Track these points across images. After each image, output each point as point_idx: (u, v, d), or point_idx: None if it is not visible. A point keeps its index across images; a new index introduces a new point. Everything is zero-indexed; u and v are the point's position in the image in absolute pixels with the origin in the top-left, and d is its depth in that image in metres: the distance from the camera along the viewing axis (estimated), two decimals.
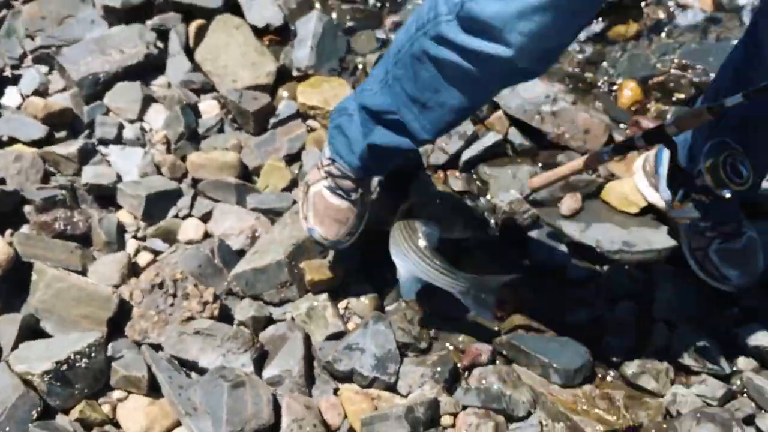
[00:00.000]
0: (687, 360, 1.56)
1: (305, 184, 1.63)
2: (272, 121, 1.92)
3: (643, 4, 2.14)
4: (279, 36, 2.08)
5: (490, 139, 1.88)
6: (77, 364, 1.45)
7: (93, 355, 1.47)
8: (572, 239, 1.74)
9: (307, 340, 1.57)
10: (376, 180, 1.71)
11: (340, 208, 1.57)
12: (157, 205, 1.75)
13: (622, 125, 1.93)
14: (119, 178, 1.80)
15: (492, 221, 1.77)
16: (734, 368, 1.57)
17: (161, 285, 1.60)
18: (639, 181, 1.77)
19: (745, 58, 1.47)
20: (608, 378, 1.57)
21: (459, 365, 1.57)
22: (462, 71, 1.29)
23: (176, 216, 1.76)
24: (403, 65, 1.38)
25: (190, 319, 1.57)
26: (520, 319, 1.62)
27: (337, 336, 1.57)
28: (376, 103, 1.45)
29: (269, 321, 1.61)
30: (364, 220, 1.61)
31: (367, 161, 1.54)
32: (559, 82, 1.95)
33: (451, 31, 1.26)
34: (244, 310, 1.61)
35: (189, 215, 1.77)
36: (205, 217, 1.76)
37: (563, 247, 1.72)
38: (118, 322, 1.56)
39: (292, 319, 1.61)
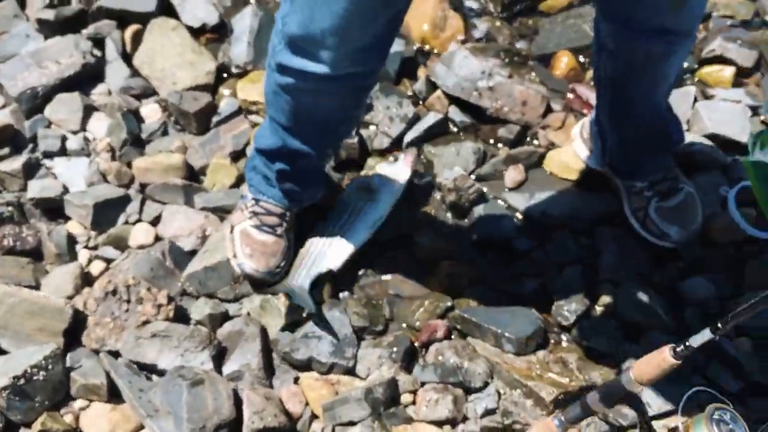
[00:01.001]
0: (634, 317, 1.60)
1: (230, 225, 1.68)
2: (215, 119, 1.93)
3: None
4: (216, 34, 2.08)
5: (431, 118, 1.91)
6: (35, 378, 1.46)
7: (50, 367, 1.48)
8: (518, 210, 1.77)
9: (264, 333, 1.59)
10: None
11: (267, 243, 1.63)
12: (105, 213, 1.75)
13: (560, 94, 1.97)
14: (66, 190, 1.80)
15: (437, 197, 1.80)
16: (680, 321, 1.61)
17: (114, 292, 1.61)
18: (578, 148, 1.80)
19: (598, 62, 1.60)
20: (562, 343, 1.61)
21: (416, 343, 1.60)
22: (308, 93, 1.41)
23: (126, 222, 1.77)
24: (271, 104, 1.51)
25: (146, 323, 1.58)
26: (472, 293, 1.65)
27: (293, 326, 1.60)
28: (268, 144, 1.56)
29: (225, 317, 1.63)
30: (292, 250, 1.66)
31: (288, 190, 1.61)
32: (493, 57, 1.97)
33: (285, 58, 1.38)
34: (199, 308, 1.62)
35: (139, 220, 1.78)
36: (155, 221, 1.77)
37: (510, 219, 1.76)
38: (75, 332, 1.57)
39: (248, 313, 1.62)
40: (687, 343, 1.13)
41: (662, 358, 1.13)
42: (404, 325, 1.63)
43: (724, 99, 1.91)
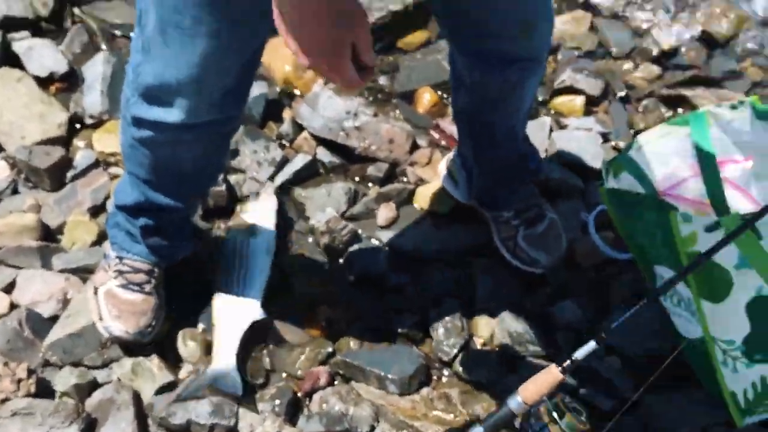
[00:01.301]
0: (511, 346, 1.64)
1: (93, 286, 1.59)
2: (70, 174, 1.83)
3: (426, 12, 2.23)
4: (66, 83, 1.98)
5: (299, 161, 1.89)
6: None
7: None
8: (392, 247, 1.78)
9: (138, 399, 1.50)
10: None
11: (135, 302, 1.55)
12: None
13: (425, 130, 2.01)
14: None
15: (311, 241, 1.78)
16: (555, 346, 1.66)
17: None
18: (445, 183, 1.84)
19: (456, 96, 1.64)
20: (443, 378, 1.62)
21: (299, 393, 1.56)
22: (167, 144, 1.38)
23: None
24: (128, 158, 1.45)
25: (5, 400, 1.46)
26: (352, 333, 1.64)
27: (167, 388, 1.52)
28: (129, 200, 1.51)
29: (94, 386, 1.53)
30: (164, 310, 1.59)
31: (154, 245, 1.55)
32: (358, 96, 1.98)
33: (139, 110, 1.34)
34: (64, 379, 1.52)
35: None
36: (9, 288, 1.65)
37: (384, 256, 1.76)
38: None
39: (118, 379, 1.53)
40: (573, 357, 1.15)
41: (549, 375, 1.15)
42: (284, 375, 1.59)
43: (577, 127, 2.01)
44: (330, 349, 1.61)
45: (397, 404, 1.54)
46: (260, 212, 1.76)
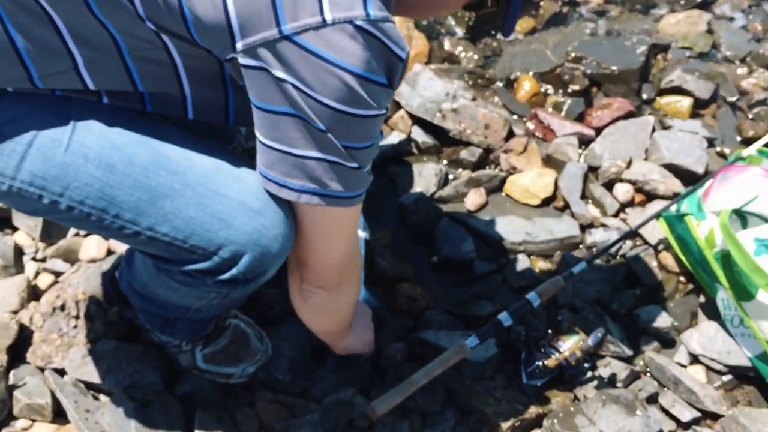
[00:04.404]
0: (591, 345, 1.60)
1: None
2: None
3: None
4: None
5: (394, 138, 1.90)
6: None
7: None
8: (477, 233, 1.77)
9: None
10: None
11: None
12: (55, 225, 1.69)
13: (522, 119, 1.98)
14: None
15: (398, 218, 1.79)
16: (636, 350, 1.62)
17: (63, 307, 1.55)
18: None
19: None
20: None
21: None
22: None
23: (77, 234, 1.71)
24: None
25: (96, 341, 1.53)
26: (429, 316, 1.64)
27: None
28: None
29: None
30: None
31: None
32: (458, 79, 1.97)
33: None
34: None
35: (90, 233, 1.72)
36: None
37: (468, 242, 1.75)
38: (19, 348, 1.51)
39: None
40: (571, 271, 1.52)
41: (557, 282, 1.50)
42: None
43: (681, 129, 1.95)
44: (409, 326, 1.62)
45: (470, 388, 1.53)
46: None
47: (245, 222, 1.08)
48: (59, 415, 1.45)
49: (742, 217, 1.53)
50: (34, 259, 1.68)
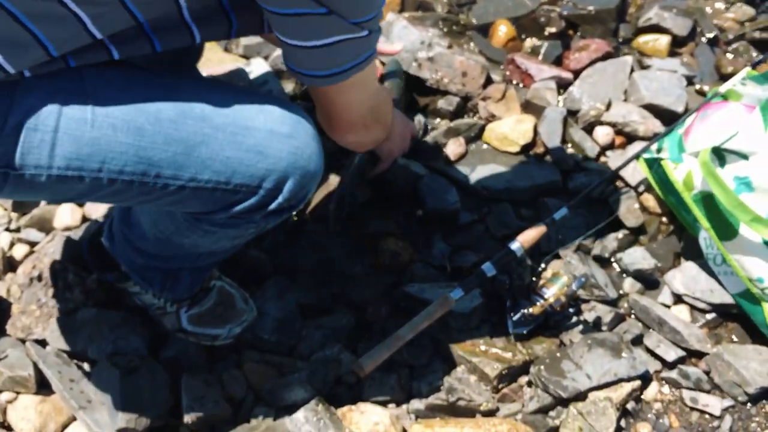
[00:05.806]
0: (576, 290, 1.60)
1: None
2: None
3: None
4: None
5: None
6: None
7: None
8: (458, 183, 1.75)
9: None
10: None
11: None
12: None
13: (499, 65, 1.95)
14: None
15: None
16: (620, 292, 1.63)
17: (40, 277, 1.52)
18: None
19: None
20: None
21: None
22: None
23: (50, 203, 1.68)
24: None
25: (75, 309, 1.50)
26: (413, 270, 1.63)
27: None
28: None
29: None
30: None
31: None
32: (432, 27, 1.93)
33: None
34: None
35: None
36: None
37: (450, 193, 1.73)
38: None
39: None
40: (553, 217, 1.52)
41: (539, 229, 1.51)
42: (348, 302, 1.59)
43: (660, 68, 1.92)
44: (393, 281, 1.61)
45: (456, 339, 1.53)
46: None
47: (280, 149, 1.09)
48: (43, 386, 1.43)
49: (720, 156, 1.52)
50: (7, 229, 1.65)
